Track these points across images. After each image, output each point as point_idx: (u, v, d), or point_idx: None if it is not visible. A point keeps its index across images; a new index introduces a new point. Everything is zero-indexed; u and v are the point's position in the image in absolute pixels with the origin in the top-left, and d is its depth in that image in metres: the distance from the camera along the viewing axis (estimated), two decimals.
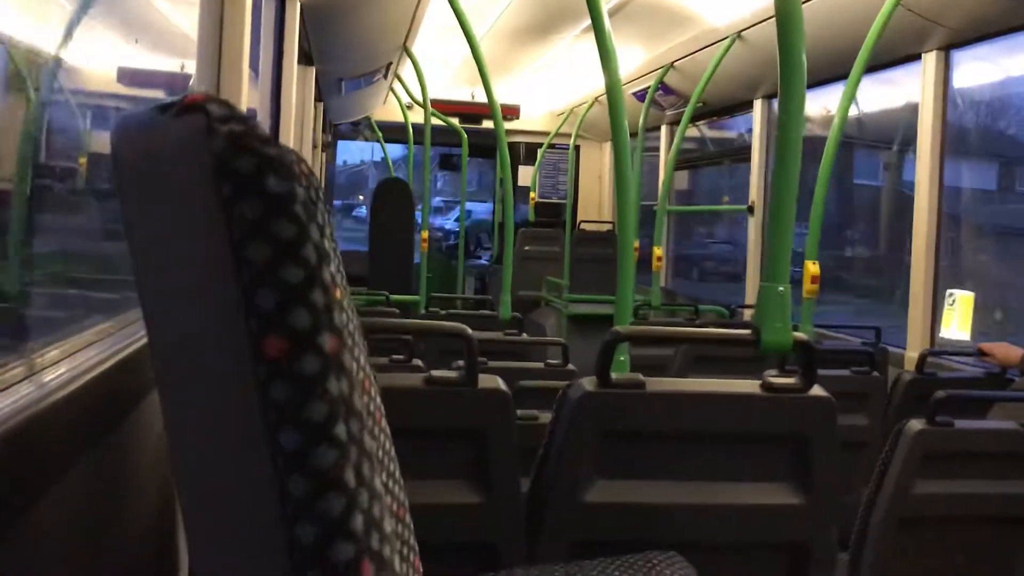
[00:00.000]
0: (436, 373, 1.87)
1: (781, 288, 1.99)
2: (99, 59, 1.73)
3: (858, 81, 3.87)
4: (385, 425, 0.81)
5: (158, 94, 2.17)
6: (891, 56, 4.17)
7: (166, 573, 1.55)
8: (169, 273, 0.70)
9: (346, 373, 0.65)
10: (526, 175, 9.16)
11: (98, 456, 1.13)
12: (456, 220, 10.39)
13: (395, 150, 10.37)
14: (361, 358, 0.71)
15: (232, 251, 0.62)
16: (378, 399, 0.78)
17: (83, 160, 1.71)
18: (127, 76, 1.92)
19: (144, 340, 1.35)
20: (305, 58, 4.84)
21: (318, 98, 6.21)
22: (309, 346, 0.63)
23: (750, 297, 5.75)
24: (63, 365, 1.14)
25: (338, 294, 0.66)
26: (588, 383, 1.85)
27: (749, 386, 1.91)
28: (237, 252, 0.62)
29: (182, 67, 2.35)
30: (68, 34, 1.49)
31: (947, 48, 3.96)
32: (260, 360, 0.62)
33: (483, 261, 10.58)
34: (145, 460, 1.40)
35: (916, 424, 2.22)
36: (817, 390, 1.89)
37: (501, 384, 1.88)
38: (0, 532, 0.81)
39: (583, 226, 8.70)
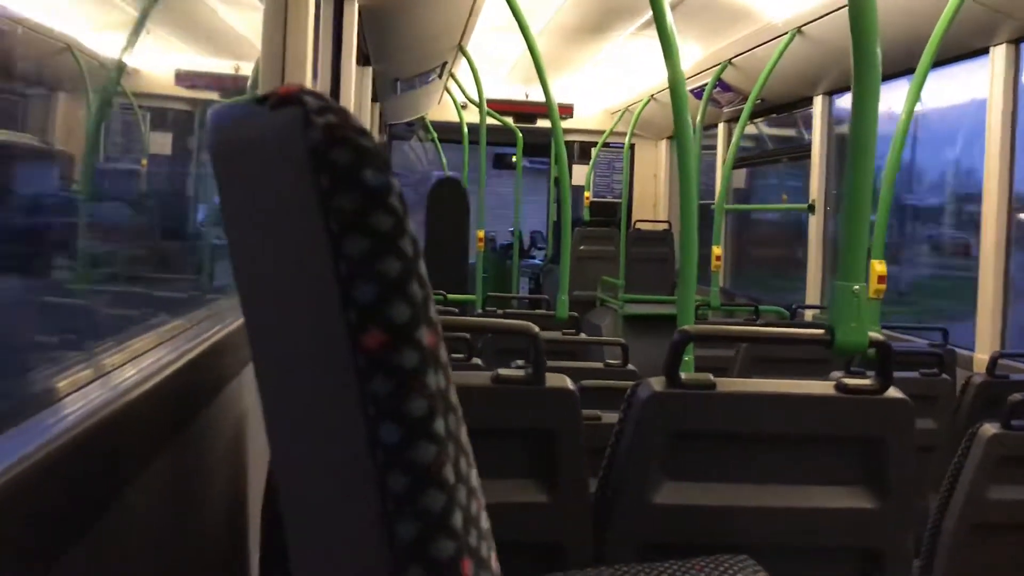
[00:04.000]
0: (503, 372, 1.85)
1: (856, 287, 1.95)
2: (159, 62, 1.75)
3: (925, 76, 3.79)
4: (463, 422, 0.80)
5: (214, 96, 2.19)
6: (958, 50, 4.07)
7: (238, 562, 1.56)
8: (266, 262, 0.69)
9: (443, 367, 0.64)
10: (580, 174, 9.13)
11: (173, 453, 1.14)
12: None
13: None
14: (446, 353, 0.70)
15: (330, 242, 0.61)
16: (456, 396, 0.77)
17: (144, 162, 1.73)
18: (185, 78, 1.94)
19: (215, 337, 1.36)
20: (362, 59, 4.88)
21: (374, 98, 6.26)
22: (408, 340, 0.62)
23: (811, 297, 5.66)
24: (135, 364, 1.15)
25: (428, 285, 0.65)
26: (657, 383, 1.83)
27: (822, 387, 1.87)
28: (335, 243, 0.61)
29: (237, 69, 2.37)
30: (131, 38, 1.50)
31: (1017, 41, 3.85)
32: (359, 353, 0.61)
33: (537, 261, 10.57)
34: (220, 454, 1.41)
35: (990, 428, 2.17)
36: (893, 391, 1.84)
37: (569, 383, 1.86)
38: (83, 529, 0.81)
39: (638, 225, 8.65)
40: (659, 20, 2.68)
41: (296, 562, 0.69)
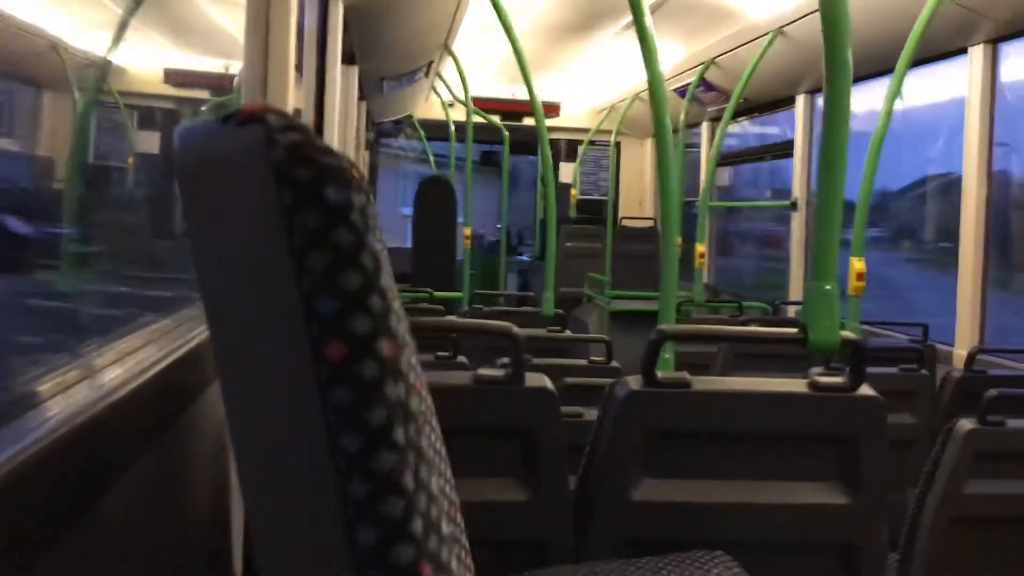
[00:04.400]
0: (483, 372, 1.87)
1: (828, 287, 1.98)
2: (146, 60, 1.76)
3: (903, 76, 3.82)
4: (436, 424, 0.82)
5: (203, 95, 2.20)
6: (937, 50, 4.11)
7: (221, 563, 1.58)
8: (230, 276, 0.72)
9: (402, 377, 0.67)
10: (567, 172, 9.15)
11: (158, 452, 1.15)
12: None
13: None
14: (412, 359, 0.72)
15: (293, 258, 0.63)
16: (429, 399, 0.79)
17: (131, 160, 1.74)
18: (173, 77, 1.95)
19: (199, 338, 1.38)
20: (348, 58, 4.88)
21: (361, 97, 6.26)
22: (368, 351, 0.64)
23: (794, 294, 5.70)
24: (121, 364, 1.17)
25: (390, 297, 0.67)
26: (634, 382, 1.85)
27: (796, 385, 1.90)
28: (298, 259, 0.63)
29: (226, 68, 2.37)
30: (117, 37, 1.51)
31: (995, 41, 3.89)
32: (321, 364, 0.63)
33: (524, 258, 10.59)
34: (202, 454, 1.43)
35: (967, 423, 2.19)
36: (866, 389, 1.87)
37: (548, 383, 1.88)
38: (66, 527, 0.83)
39: (624, 222, 8.68)
40: (638, 21, 2.70)
41: (262, 567, 0.71)
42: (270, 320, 0.67)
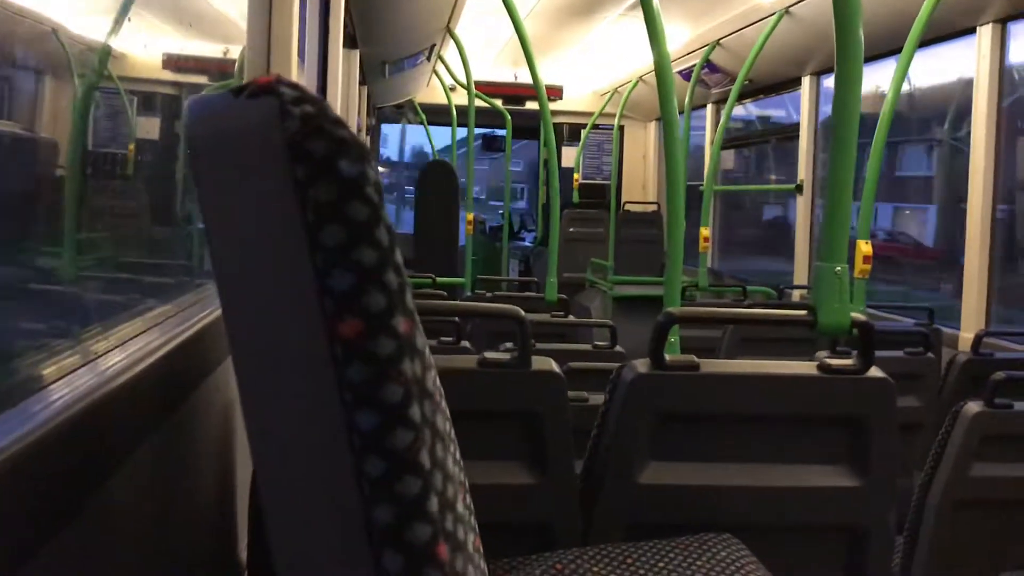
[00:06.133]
0: (489, 355, 1.86)
1: (838, 268, 1.97)
2: (146, 45, 1.75)
3: (911, 56, 3.80)
4: (445, 407, 0.81)
5: (203, 80, 2.18)
6: (945, 30, 4.08)
7: (227, 547, 1.58)
8: (243, 252, 0.70)
9: (419, 355, 0.65)
10: (569, 156, 9.13)
11: (163, 436, 1.15)
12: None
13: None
14: (423, 339, 0.71)
15: (307, 232, 0.62)
16: (438, 381, 0.78)
17: (132, 147, 1.73)
18: (173, 62, 1.94)
19: (201, 323, 1.37)
20: (350, 41, 4.86)
21: (362, 81, 6.24)
22: (384, 328, 0.63)
23: (799, 277, 5.68)
24: (123, 350, 1.16)
25: (404, 274, 0.66)
26: (641, 365, 1.84)
27: (805, 367, 1.89)
28: (312, 233, 0.62)
29: (225, 52, 2.36)
30: (117, 21, 1.50)
31: (1004, 20, 3.86)
32: (336, 341, 0.62)
33: (526, 243, 10.58)
34: (208, 438, 1.42)
35: (974, 406, 2.19)
36: (875, 371, 1.86)
37: (555, 366, 1.87)
38: (71, 513, 0.82)
39: (627, 207, 8.66)
40: (645, 2, 2.68)
41: (276, 547, 0.70)
42: (284, 297, 0.66)
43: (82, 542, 0.87)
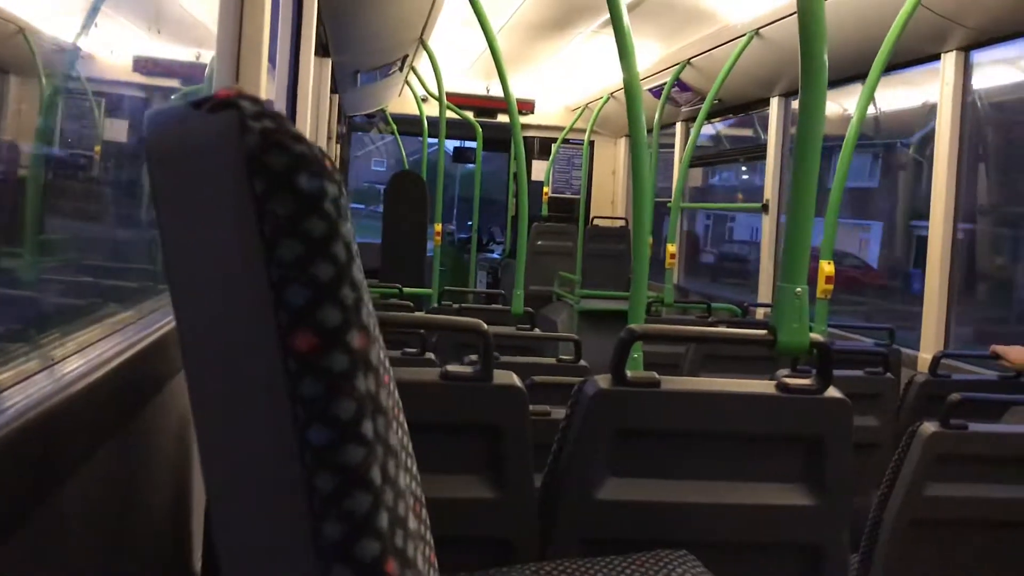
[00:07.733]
0: (451, 368, 1.86)
1: (799, 289, 1.99)
2: (116, 47, 1.74)
3: (877, 80, 3.86)
4: (403, 420, 0.81)
5: (174, 83, 2.17)
6: (910, 56, 4.15)
7: (181, 558, 1.56)
8: (199, 264, 0.70)
9: (372, 370, 0.66)
10: (540, 170, 9.16)
11: (118, 444, 1.14)
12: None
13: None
14: (381, 353, 0.71)
15: (264, 246, 0.62)
16: (396, 394, 0.78)
17: (98, 148, 1.71)
18: (143, 65, 1.92)
19: (161, 330, 1.36)
20: (322, 50, 4.85)
21: (333, 90, 6.22)
22: (338, 343, 0.63)
23: (763, 296, 5.73)
24: (82, 355, 1.15)
25: (362, 288, 0.66)
26: (602, 380, 1.85)
27: (764, 386, 1.90)
28: (269, 248, 0.62)
29: (198, 56, 2.35)
30: (86, 22, 1.49)
31: (967, 49, 3.93)
32: (289, 355, 0.62)
33: (495, 255, 10.58)
34: (165, 447, 1.41)
35: (930, 426, 2.21)
36: (832, 391, 1.88)
37: (516, 380, 1.88)
38: (21, 521, 0.81)
39: (596, 222, 8.70)
40: (615, 20, 2.70)
41: (225, 560, 0.70)
42: (238, 310, 0.65)
43: (31, 551, 0.86)
